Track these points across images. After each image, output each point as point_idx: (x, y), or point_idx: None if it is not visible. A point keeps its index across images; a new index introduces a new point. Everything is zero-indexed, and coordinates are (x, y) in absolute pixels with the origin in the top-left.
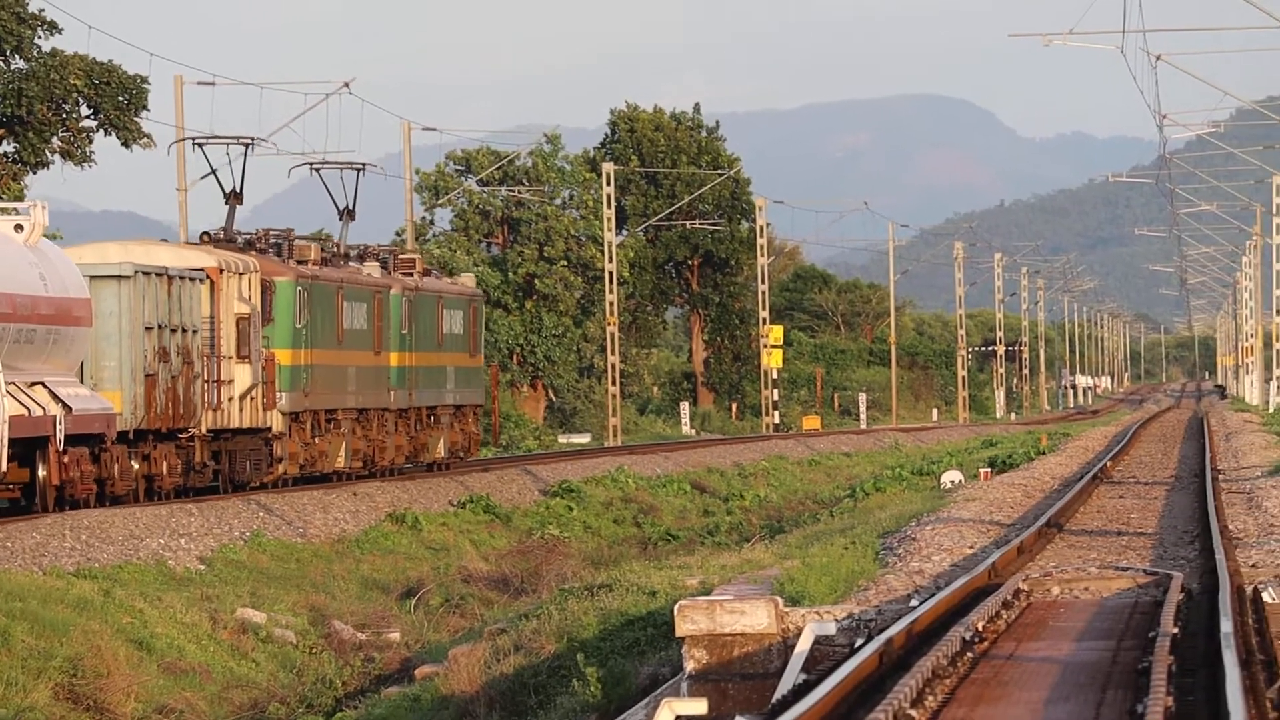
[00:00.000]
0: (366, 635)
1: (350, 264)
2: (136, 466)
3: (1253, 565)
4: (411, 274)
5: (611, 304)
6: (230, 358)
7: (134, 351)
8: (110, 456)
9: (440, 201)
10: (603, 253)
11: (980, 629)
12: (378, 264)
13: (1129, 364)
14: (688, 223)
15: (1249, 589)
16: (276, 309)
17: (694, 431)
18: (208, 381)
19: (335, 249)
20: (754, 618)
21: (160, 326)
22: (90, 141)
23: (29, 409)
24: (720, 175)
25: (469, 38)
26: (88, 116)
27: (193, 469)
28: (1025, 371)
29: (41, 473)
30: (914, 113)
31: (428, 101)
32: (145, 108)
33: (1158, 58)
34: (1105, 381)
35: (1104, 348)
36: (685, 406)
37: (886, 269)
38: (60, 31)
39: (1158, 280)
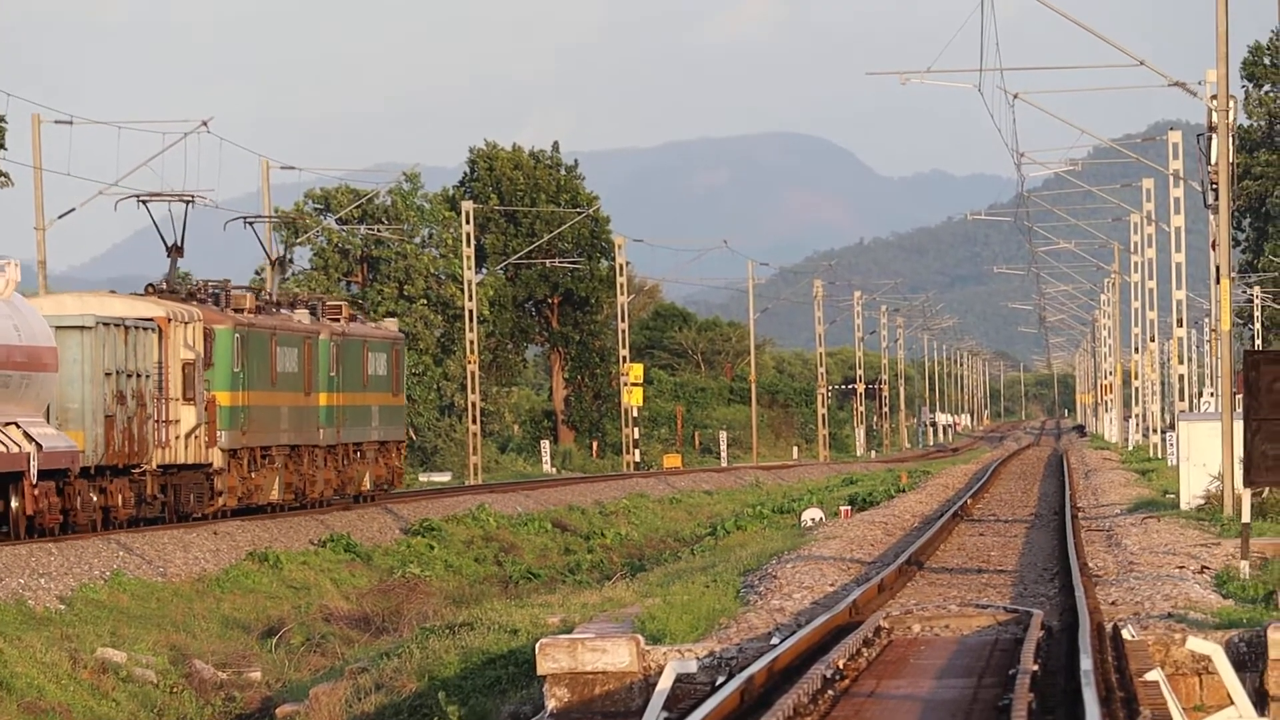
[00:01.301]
0: (227, 674)
1: (282, 311)
2: (96, 499)
3: (1112, 603)
4: (339, 319)
5: (471, 342)
6: (177, 400)
7: (95, 395)
8: (74, 490)
9: (299, 240)
10: (463, 291)
11: (841, 667)
12: (307, 311)
13: (988, 401)
14: (547, 261)
15: (1109, 626)
16: (217, 354)
17: (555, 470)
18: (158, 421)
19: (268, 298)
20: (615, 656)
21: (118, 372)
22: None
23: (6, 446)
24: (579, 214)
25: (327, 76)
26: None
27: (144, 501)
28: (885, 409)
29: (15, 504)
30: (773, 151)
31: (286, 140)
32: (2, 146)
33: (1015, 96)
34: (965, 419)
35: (964, 385)
36: (546, 445)
37: (746, 307)
38: None
39: (1017, 318)
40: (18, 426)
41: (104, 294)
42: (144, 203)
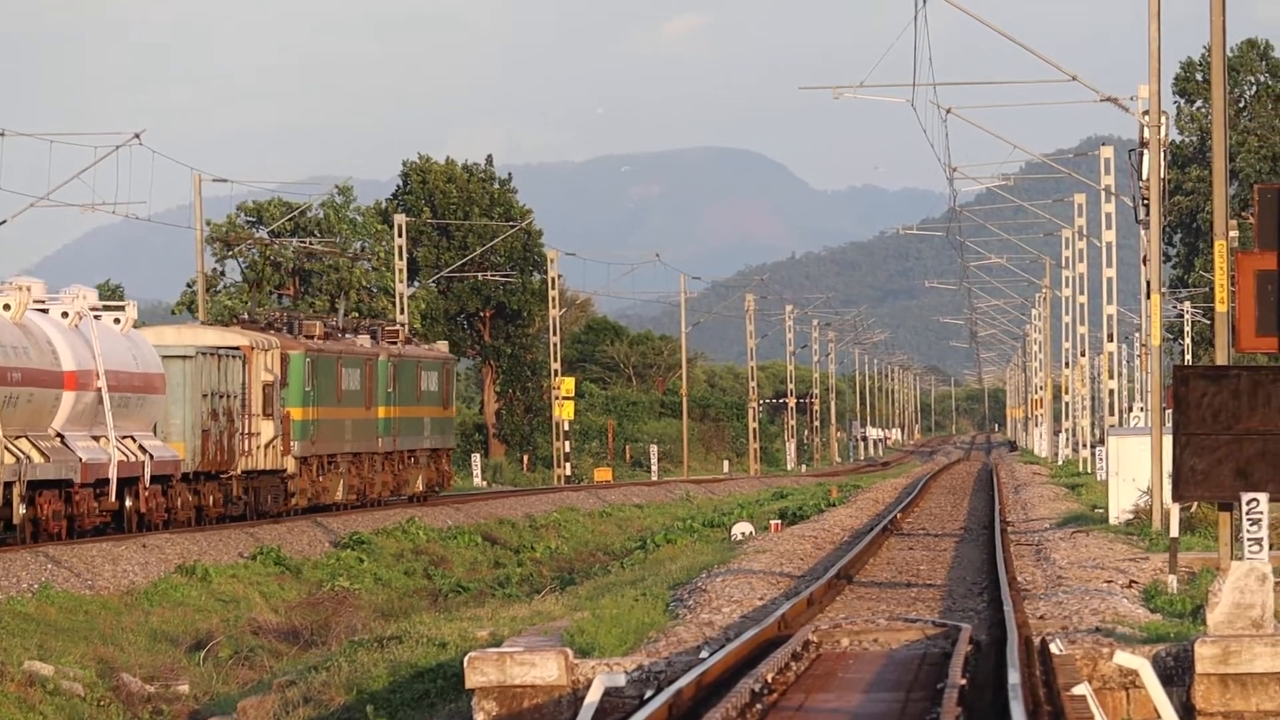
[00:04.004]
0: (155, 687)
1: (346, 336)
2: (191, 499)
3: (1041, 617)
4: (396, 343)
5: None
6: (258, 415)
7: (194, 413)
8: (175, 492)
9: (231, 253)
10: (395, 304)
11: (770, 680)
12: (368, 335)
13: (919, 416)
14: (480, 274)
15: (1037, 641)
16: (291, 376)
17: (485, 483)
18: (243, 434)
19: (334, 325)
20: (544, 669)
21: (212, 393)
22: None
23: (126, 456)
24: (512, 227)
25: (260, 88)
26: None
27: (230, 501)
28: (816, 423)
29: (129, 503)
30: (706, 165)
31: (219, 152)
32: None
33: (948, 111)
34: (896, 433)
35: (894, 400)
36: (477, 458)
37: (678, 321)
38: None
39: (948, 333)
40: (134, 440)
41: (197, 326)
42: (230, 247)
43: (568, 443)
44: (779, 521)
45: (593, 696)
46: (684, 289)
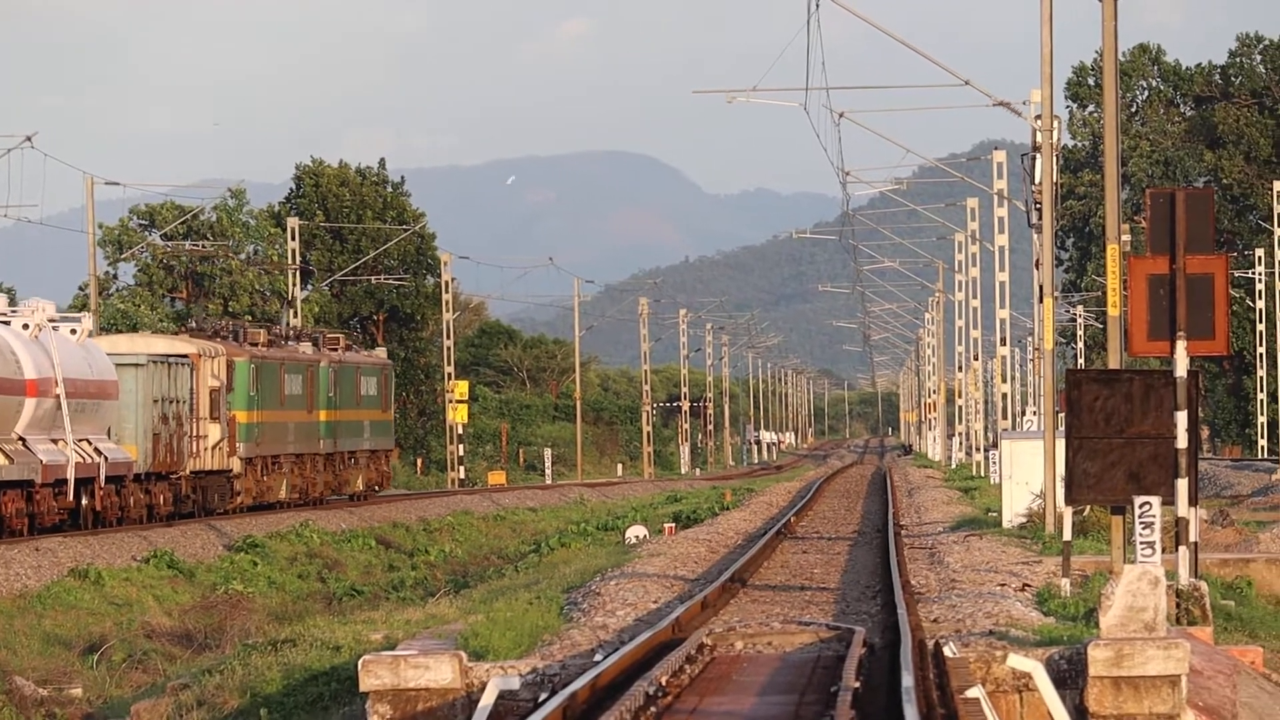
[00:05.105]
0: (48, 691)
1: (289, 344)
2: (143, 498)
3: (934, 620)
4: (336, 349)
5: None
6: (205, 419)
7: (145, 417)
8: (128, 491)
9: (124, 256)
10: (288, 308)
11: (664, 684)
12: (310, 343)
13: (813, 420)
14: (373, 278)
15: (930, 644)
16: (236, 381)
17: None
18: (191, 437)
19: (279, 332)
20: (438, 672)
21: (162, 398)
22: None
23: (83, 458)
24: (405, 230)
25: (153, 91)
26: None
27: (179, 500)
28: (710, 427)
29: (85, 501)
30: (600, 169)
31: (111, 156)
32: None
33: (840, 115)
34: (789, 437)
35: (788, 403)
36: None
37: (572, 325)
38: None
39: (841, 336)
40: (89, 443)
41: (148, 335)
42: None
43: (461, 446)
44: (673, 525)
45: (487, 700)
46: (577, 293)
